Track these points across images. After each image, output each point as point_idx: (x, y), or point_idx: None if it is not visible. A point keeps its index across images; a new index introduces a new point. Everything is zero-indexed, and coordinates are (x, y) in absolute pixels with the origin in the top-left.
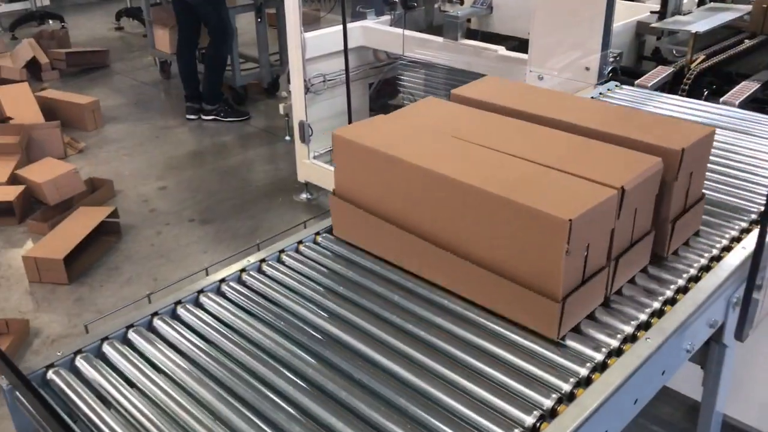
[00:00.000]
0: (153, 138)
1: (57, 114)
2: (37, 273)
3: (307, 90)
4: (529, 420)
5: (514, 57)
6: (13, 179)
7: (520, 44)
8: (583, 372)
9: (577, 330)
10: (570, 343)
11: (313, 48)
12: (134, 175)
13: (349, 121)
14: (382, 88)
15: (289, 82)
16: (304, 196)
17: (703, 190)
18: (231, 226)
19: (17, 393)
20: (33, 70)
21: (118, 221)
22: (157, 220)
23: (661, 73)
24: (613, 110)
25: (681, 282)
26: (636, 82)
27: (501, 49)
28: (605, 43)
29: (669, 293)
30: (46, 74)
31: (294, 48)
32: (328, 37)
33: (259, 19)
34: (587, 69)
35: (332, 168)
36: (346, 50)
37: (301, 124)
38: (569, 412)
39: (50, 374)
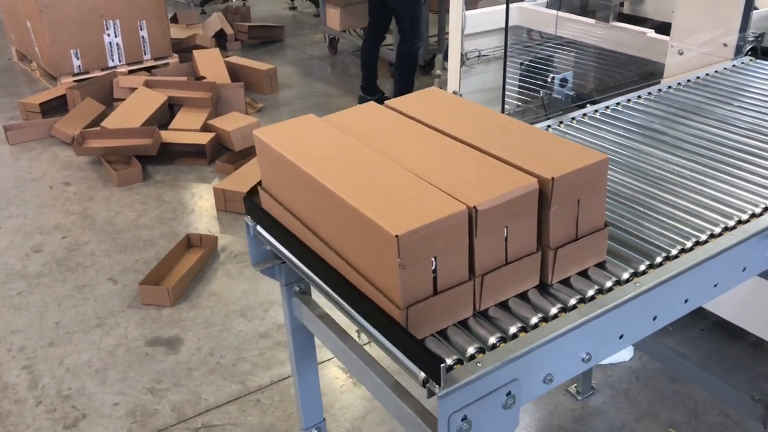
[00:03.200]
0: (320, 104)
1: (240, 77)
2: (223, 203)
3: (462, 63)
4: None
5: (660, 39)
6: (205, 128)
7: (662, 26)
8: None
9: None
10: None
11: (472, 25)
12: None
13: (503, 96)
14: (532, 66)
15: (446, 59)
16: None
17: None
18: None
19: (258, 227)
20: (219, 40)
21: None
22: None
23: None
24: (522, 134)
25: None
26: None
27: (650, 32)
28: (744, 25)
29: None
30: (230, 44)
31: (455, 24)
32: (486, 16)
33: (423, 2)
34: (725, 45)
35: None
36: (506, 29)
37: (453, 94)
38: (653, 274)
39: None
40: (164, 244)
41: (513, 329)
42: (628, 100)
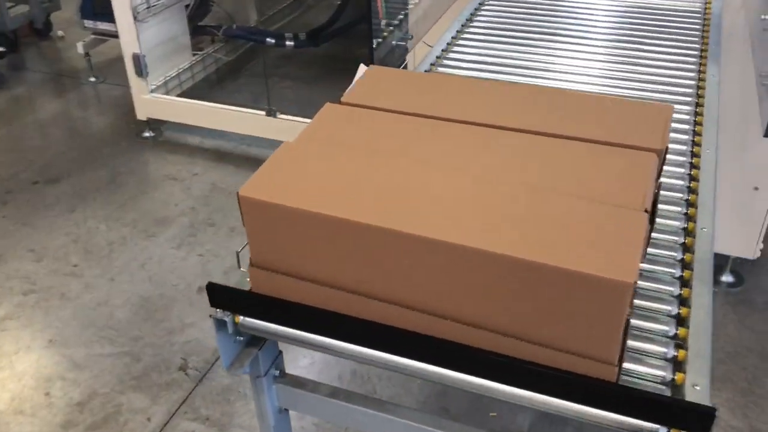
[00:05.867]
0: None
1: None
2: None
3: (135, 18)
4: None
5: None
6: None
7: None
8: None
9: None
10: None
11: None
12: None
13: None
14: (198, 8)
15: (84, 17)
16: (147, 134)
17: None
18: (86, 180)
19: (241, 318)
20: None
21: None
22: None
23: None
24: (557, 100)
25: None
26: None
27: None
28: None
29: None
30: None
31: None
32: None
33: None
34: None
35: (174, 98)
36: None
37: (135, 57)
38: None
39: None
40: None
41: (669, 328)
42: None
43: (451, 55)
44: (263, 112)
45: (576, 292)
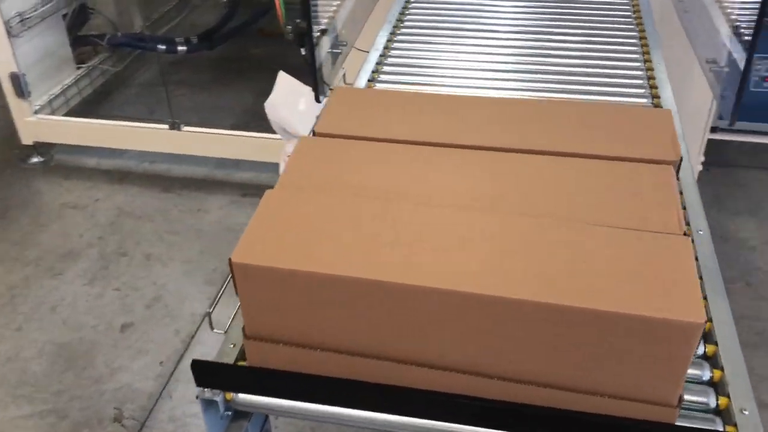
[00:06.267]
0: None
1: None
2: None
3: (9, 34)
4: None
5: None
6: None
7: None
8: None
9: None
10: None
11: None
12: None
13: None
14: (77, 17)
15: None
16: (36, 159)
17: None
18: None
19: (237, 395)
20: None
21: None
22: None
23: None
24: (548, 111)
25: None
26: None
27: None
28: None
29: None
30: None
31: None
32: None
33: None
34: None
35: (62, 118)
36: None
37: (14, 77)
38: None
39: None
40: None
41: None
42: None
43: (390, 60)
44: (166, 126)
45: (638, 336)
